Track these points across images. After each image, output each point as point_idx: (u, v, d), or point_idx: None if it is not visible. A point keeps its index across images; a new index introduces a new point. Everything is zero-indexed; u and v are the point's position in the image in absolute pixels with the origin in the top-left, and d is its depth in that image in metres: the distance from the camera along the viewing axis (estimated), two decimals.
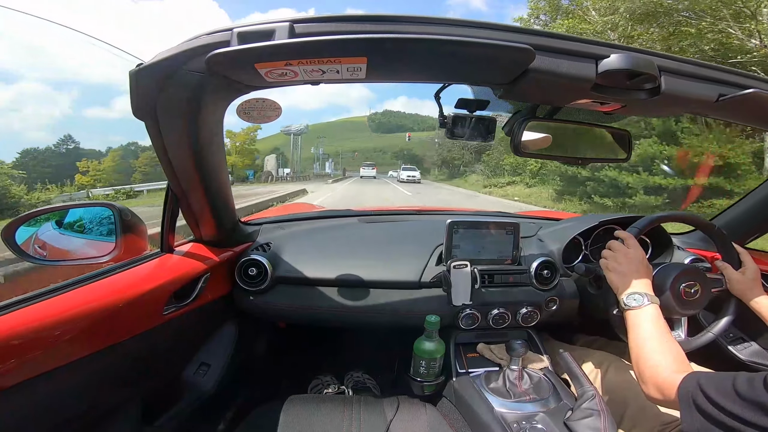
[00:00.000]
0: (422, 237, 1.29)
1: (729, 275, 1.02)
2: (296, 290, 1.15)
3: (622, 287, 0.90)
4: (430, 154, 52.32)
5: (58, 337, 0.69)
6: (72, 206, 0.99)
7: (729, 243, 1.05)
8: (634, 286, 0.88)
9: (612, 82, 0.62)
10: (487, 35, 0.55)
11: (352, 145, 79.92)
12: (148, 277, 0.91)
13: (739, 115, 0.77)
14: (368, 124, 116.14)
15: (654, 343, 0.77)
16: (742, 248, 1.05)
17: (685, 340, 1.02)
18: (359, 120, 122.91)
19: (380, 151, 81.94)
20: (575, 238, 1.28)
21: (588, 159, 1.01)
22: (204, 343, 1.14)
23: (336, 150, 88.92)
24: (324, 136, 79.09)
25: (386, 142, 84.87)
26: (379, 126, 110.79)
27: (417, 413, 1.02)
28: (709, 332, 1.01)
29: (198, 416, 1.09)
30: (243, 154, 36.72)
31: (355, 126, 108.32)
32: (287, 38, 0.52)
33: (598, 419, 0.81)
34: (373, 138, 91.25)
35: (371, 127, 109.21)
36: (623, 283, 0.90)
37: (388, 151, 77.05)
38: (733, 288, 1.01)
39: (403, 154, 74.40)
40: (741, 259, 1.03)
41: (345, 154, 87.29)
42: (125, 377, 0.88)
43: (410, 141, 73.59)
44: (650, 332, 0.79)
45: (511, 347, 1.00)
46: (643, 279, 0.89)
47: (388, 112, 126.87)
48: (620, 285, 0.91)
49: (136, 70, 0.61)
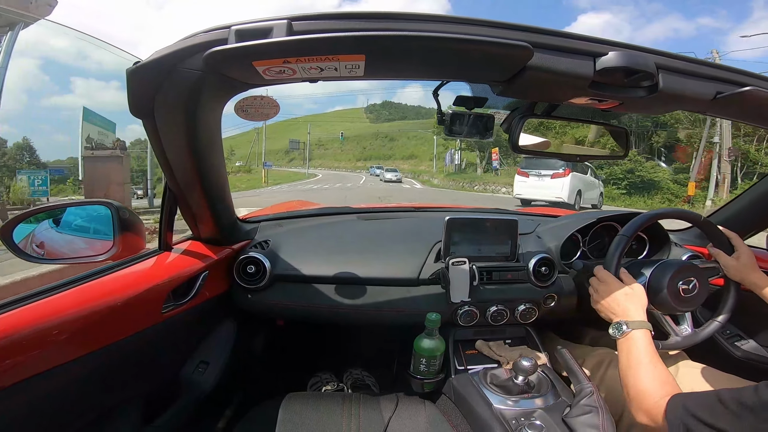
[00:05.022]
0: (421, 234, 1.30)
1: (723, 261, 1.03)
2: (295, 288, 1.15)
3: (606, 318, 0.93)
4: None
5: (55, 336, 0.68)
6: (69, 204, 0.99)
7: (716, 229, 1.06)
8: (617, 316, 0.89)
9: (610, 79, 0.62)
10: (485, 32, 0.55)
11: (346, 133, 69.95)
12: (147, 276, 0.91)
13: (737, 113, 0.78)
14: (366, 115, 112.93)
15: (640, 370, 0.78)
16: (732, 233, 1.06)
17: (692, 332, 1.03)
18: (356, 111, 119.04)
19: (386, 137, 72.48)
20: (573, 234, 1.29)
21: (586, 156, 1.02)
22: (203, 341, 1.14)
23: (318, 139, 79.89)
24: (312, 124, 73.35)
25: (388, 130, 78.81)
26: (377, 117, 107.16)
27: (416, 410, 1.03)
28: (715, 320, 1.03)
29: (198, 414, 1.09)
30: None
31: (351, 116, 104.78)
32: (285, 36, 0.52)
33: (597, 416, 0.82)
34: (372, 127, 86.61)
35: (369, 119, 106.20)
36: (607, 315, 0.93)
37: (398, 138, 67.28)
38: (731, 274, 1.02)
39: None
40: (732, 243, 1.04)
41: (331, 145, 78.74)
42: (124, 376, 0.88)
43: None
44: (636, 359, 0.80)
45: (519, 367, 0.94)
46: (625, 306, 0.90)
47: (387, 104, 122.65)
48: (605, 316, 0.94)
49: (133, 68, 0.61)
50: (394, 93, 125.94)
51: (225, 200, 1.02)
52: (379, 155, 63.00)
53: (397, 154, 60.19)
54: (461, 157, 33.62)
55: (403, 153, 58.82)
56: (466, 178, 28.34)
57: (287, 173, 48.44)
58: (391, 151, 64.11)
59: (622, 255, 0.99)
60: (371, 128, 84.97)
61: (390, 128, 77.31)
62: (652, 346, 0.81)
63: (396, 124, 79.65)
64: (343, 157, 72.66)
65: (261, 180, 31.40)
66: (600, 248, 1.36)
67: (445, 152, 37.62)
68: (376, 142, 72.78)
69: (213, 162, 0.85)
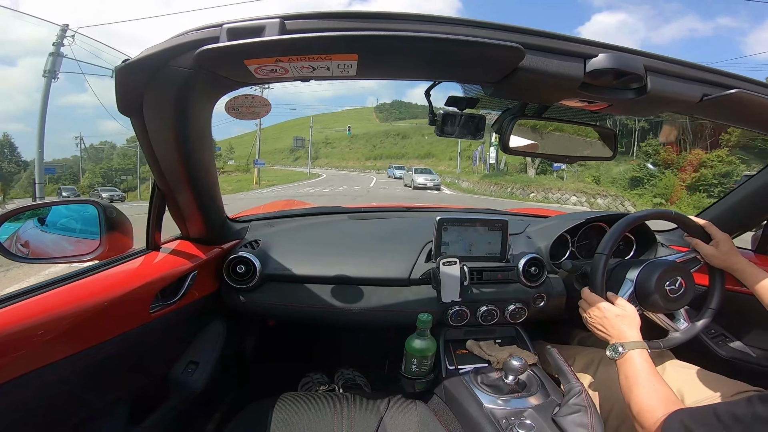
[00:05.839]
0: (411, 234, 1.30)
1: (703, 251, 1.04)
2: (285, 288, 1.14)
3: (602, 339, 0.94)
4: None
5: (41, 336, 0.67)
6: (55, 203, 0.98)
7: (688, 219, 1.07)
8: (612, 338, 0.90)
9: (600, 81, 0.62)
10: (477, 33, 0.56)
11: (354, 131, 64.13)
12: (134, 275, 0.90)
13: (723, 115, 0.79)
14: (375, 114, 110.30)
15: (641, 390, 0.78)
16: (705, 221, 1.07)
17: (690, 325, 1.04)
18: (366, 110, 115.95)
19: (397, 134, 66.97)
20: (562, 235, 1.30)
21: (575, 157, 1.03)
22: (192, 341, 1.13)
23: (325, 137, 76.91)
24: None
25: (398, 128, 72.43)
26: (387, 117, 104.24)
27: (407, 410, 1.03)
28: (708, 308, 1.04)
29: (187, 415, 1.08)
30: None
31: (360, 116, 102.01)
32: (277, 35, 0.51)
33: (585, 415, 0.83)
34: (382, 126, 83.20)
35: (379, 118, 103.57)
36: (602, 337, 0.93)
37: (411, 136, 60.70)
38: (713, 262, 1.04)
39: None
40: (708, 231, 1.05)
41: (338, 143, 75.79)
42: (112, 377, 0.87)
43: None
44: (636, 380, 0.81)
45: (509, 366, 0.96)
46: (619, 328, 0.90)
47: (397, 103, 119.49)
48: (601, 338, 0.94)
49: (122, 65, 0.60)
50: (404, 93, 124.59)
51: (214, 199, 1.01)
52: (391, 154, 58.20)
53: (411, 152, 54.58)
54: (498, 155, 24.45)
55: (417, 152, 53.03)
56: (515, 182, 20.94)
57: (286, 173, 45.32)
58: (404, 149, 58.95)
59: (604, 274, 0.99)
60: (381, 126, 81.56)
61: (401, 126, 72.81)
62: (651, 365, 0.82)
63: (407, 123, 74.85)
64: (351, 156, 68.99)
65: (253, 181, 28.39)
66: (588, 248, 1.37)
67: (469, 150, 31.07)
68: (387, 140, 69.09)
69: (202, 161, 0.84)
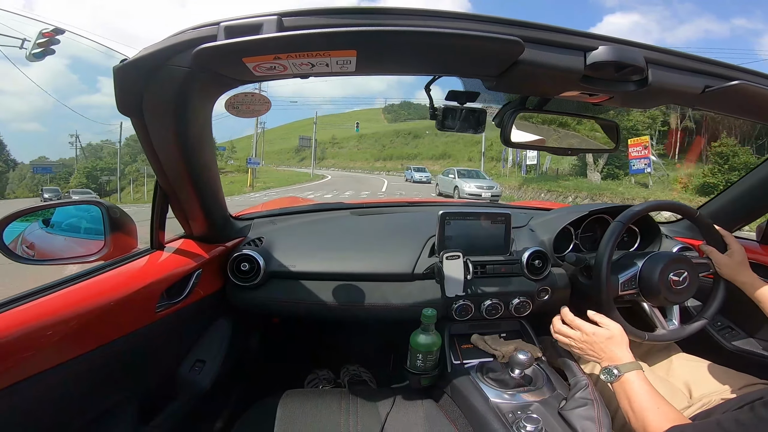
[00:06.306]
0: (414, 229, 1.30)
1: (716, 259, 1.04)
2: (289, 285, 1.15)
3: (592, 361, 0.94)
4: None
5: (48, 338, 0.68)
6: (59, 204, 0.98)
7: (712, 226, 1.07)
8: (604, 361, 0.89)
9: (600, 73, 0.62)
10: (476, 27, 0.55)
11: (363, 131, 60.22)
12: (139, 275, 0.90)
13: (725, 107, 0.79)
14: (384, 115, 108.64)
15: (645, 414, 0.78)
16: (726, 231, 1.07)
17: (679, 327, 1.05)
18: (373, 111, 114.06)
19: (409, 134, 63.18)
20: (566, 227, 1.29)
21: (577, 149, 1.02)
22: (198, 339, 1.14)
23: (332, 136, 74.56)
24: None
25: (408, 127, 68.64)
26: (396, 117, 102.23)
27: (413, 405, 1.03)
28: (701, 317, 1.04)
29: (195, 414, 1.09)
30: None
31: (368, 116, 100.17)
32: (275, 32, 0.51)
33: (592, 408, 0.83)
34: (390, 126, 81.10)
35: (387, 119, 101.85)
36: (592, 360, 0.93)
37: (423, 135, 56.56)
38: (722, 271, 1.03)
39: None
40: (726, 241, 1.05)
41: (346, 143, 73.09)
42: (119, 377, 0.88)
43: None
44: (638, 404, 0.80)
45: (516, 360, 0.96)
46: (610, 350, 0.89)
47: (406, 104, 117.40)
48: (591, 360, 0.94)
49: (120, 65, 0.60)
50: (413, 94, 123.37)
51: (217, 197, 1.01)
52: (402, 154, 53.80)
53: (425, 152, 50.84)
54: (539, 156, 19.40)
55: (432, 152, 48.81)
56: (578, 189, 15.15)
57: (288, 174, 42.20)
58: (416, 149, 54.85)
59: (615, 246, 0.99)
60: (390, 126, 79.61)
61: (412, 125, 69.28)
62: (650, 385, 0.82)
63: (415, 124, 70.49)
64: (359, 156, 65.21)
65: (247, 183, 25.29)
66: (592, 241, 1.37)
67: (492, 150, 26.43)
68: (397, 140, 65.44)
69: (204, 159, 0.84)
